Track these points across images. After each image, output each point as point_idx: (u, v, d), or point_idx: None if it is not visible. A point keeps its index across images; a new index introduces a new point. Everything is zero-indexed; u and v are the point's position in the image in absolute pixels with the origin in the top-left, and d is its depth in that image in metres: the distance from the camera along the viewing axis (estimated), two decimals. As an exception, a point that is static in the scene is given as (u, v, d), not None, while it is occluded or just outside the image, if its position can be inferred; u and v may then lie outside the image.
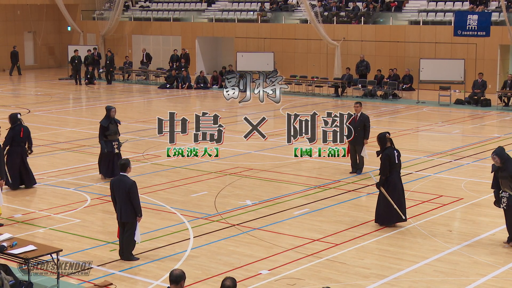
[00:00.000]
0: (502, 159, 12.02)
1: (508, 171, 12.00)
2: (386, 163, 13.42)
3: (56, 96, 33.30)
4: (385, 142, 13.55)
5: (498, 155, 12.06)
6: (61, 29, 47.12)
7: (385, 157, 13.43)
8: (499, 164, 12.05)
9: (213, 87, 35.88)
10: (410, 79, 33.16)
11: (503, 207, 12.27)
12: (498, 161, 12.05)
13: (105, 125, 16.89)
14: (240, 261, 11.71)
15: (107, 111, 17.06)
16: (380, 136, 13.68)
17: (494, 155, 12.13)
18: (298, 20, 38.96)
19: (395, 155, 13.50)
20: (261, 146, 21.10)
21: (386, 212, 13.40)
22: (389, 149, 13.49)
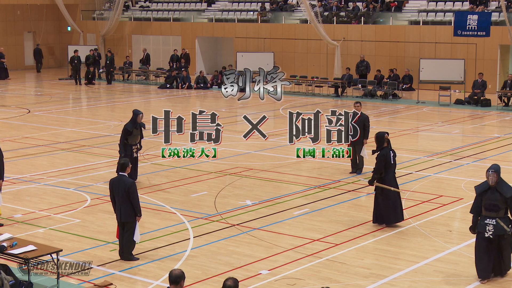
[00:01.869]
0: (499, 178, 10.68)
1: (505, 193, 10.57)
2: (381, 163, 13.36)
3: (56, 96, 33.30)
4: (382, 142, 13.48)
5: (497, 172, 10.65)
6: (61, 29, 47.11)
7: (381, 157, 13.37)
8: (494, 183, 10.61)
9: (213, 87, 35.87)
10: (410, 79, 33.16)
11: (488, 235, 10.64)
12: (495, 179, 10.61)
13: (130, 130, 16.26)
14: (240, 261, 11.71)
15: (134, 116, 16.39)
16: (379, 135, 13.59)
17: (492, 172, 10.64)
18: (298, 20, 38.96)
19: (391, 155, 13.43)
20: (261, 146, 21.09)
21: (385, 211, 13.42)
22: (386, 149, 13.42)
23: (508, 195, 10.51)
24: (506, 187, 10.62)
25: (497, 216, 10.58)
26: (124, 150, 16.34)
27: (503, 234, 10.57)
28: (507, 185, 10.65)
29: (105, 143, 21.59)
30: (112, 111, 29.11)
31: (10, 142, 21.58)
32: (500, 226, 10.51)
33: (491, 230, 10.60)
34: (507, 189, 10.60)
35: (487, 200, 10.64)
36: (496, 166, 10.69)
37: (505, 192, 10.55)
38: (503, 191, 10.57)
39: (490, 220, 10.62)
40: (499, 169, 10.65)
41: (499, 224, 10.52)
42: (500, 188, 10.59)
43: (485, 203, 10.66)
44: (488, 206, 10.65)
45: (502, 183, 10.64)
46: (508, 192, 10.55)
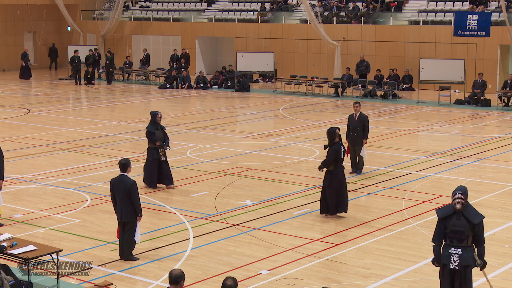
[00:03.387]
0: (465, 201, 9.37)
1: (471, 219, 9.29)
2: (331, 157, 13.90)
3: (56, 96, 33.30)
4: (334, 137, 14.05)
5: (464, 194, 9.31)
6: (61, 29, 47.12)
7: (332, 151, 13.89)
8: (460, 207, 9.31)
9: (213, 87, 35.88)
10: (410, 79, 33.17)
11: (454, 267, 9.41)
12: (462, 202, 9.28)
13: (152, 131, 15.98)
14: (240, 261, 11.71)
15: (153, 117, 16.12)
16: (330, 130, 14.15)
17: (459, 194, 9.29)
18: (298, 20, 38.96)
19: (342, 150, 13.99)
20: (261, 146, 21.10)
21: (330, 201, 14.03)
22: (337, 144, 13.98)
23: (476, 221, 9.26)
24: (474, 212, 9.37)
25: (463, 245, 9.31)
26: (151, 154, 16.05)
27: (470, 264, 9.39)
28: (475, 211, 9.43)
29: (105, 143, 21.59)
30: (112, 111, 29.11)
31: (10, 142, 21.58)
32: (467, 256, 9.27)
33: (457, 261, 9.35)
34: (475, 215, 9.33)
35: (452, 227, 9.32)
36: (464, 188, 9.38)
37: (473, 218, 9.28)
38: (470, 216, 9.29)
39: (455, 249, 9.33)
40: (467, 191, 9.38)
41: (466, 254, 9.27)
42: (467, 213, 9.30)
43: (450, 230, 9.34)
44: (453, 233, 9.33)
45: (469, 208, 9.38)
46: (477, 218, 9.29)
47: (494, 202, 15.23)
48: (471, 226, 9.27)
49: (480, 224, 9.31)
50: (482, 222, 9.36)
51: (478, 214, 9.37)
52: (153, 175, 16.15)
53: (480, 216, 9.35)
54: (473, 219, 9.29)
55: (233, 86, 35.13)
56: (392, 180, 17.09)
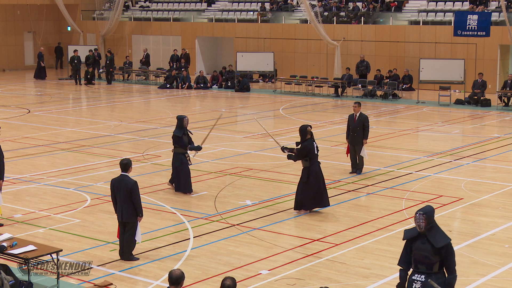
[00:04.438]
0: (429, 223, 8.43)
1: (435, 243, 8.36)
2: (303, 153, 14.24)
3: (56, 96, 33.31)
4: (305, 134, 14.28)
5: (426, 215, 8.40)
6: (61, 29, 47.12)
7: (304, 148, 14.22)
8: (423, 230, 8.43)
9: (213, 87, 35.91)
10: (410, 79, 33.17)
11: None
12: (423, 224, 8.40)
13: (180, 135, 15.64)
14: (240, 261, 11.71)
15: (180, 121, 15.76)
16: (302, 128, 14.37)
17: (420, 214, 8.41)
18: (298, 20, 38.97)
19: (315, 146, 14.26)
20: (261, 146, 21.10)
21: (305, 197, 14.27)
22: (309, 141, 14.24)
23: (440, 245, 8.33)
24: (440, 235, 8.43)
25: (428, 271, 8.42)
26: (177, 159, 15.73)
27: None
28: (441, 233, 8.48)
29: (105, 143, 21.60)
30: (112, 111, 29.11)
31: (10, 142, 21.58)
32: (430, 286, 8.30)
33: None
34: (440, 238, 8.40)
35: (417, 250, 8.49)
36: (427, 208, 8.48)
37: (437, 242, 8.36)
38: (434, 240, 8.36)
39: (418, 276, 8.46)
40: (432, 212, 8.46)
41: (429, 284, 8.32)
42: (431, 236, 8.39)
43: (414, 254, 8.53)
44: (417, 257, 8.49)
45: (435, 230, 8.44)
46: (441, 241, 8.36)
47: (494, 202, 15.23)
48: (435, 251, 8.34)
49: (445, 249, 8.35)
50: (448, 246, 8.36)
51: (444, 237, 8.41)
52: (188, 180, 15.77)
53: (446, 239, 8.39)
54: (436, 243, 8.34)
55: (233, 86, 35.13)
56: (392, 180, 17.09)
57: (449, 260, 8.38)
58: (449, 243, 8.39)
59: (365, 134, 17.53)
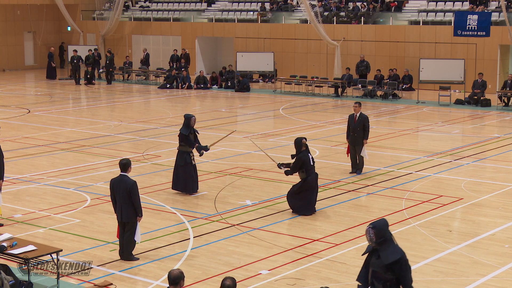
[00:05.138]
0: (380, 237, 7.95)
1: (384, 258, 7.91)
2: (298, 165, 14.33)
3: (56, 96, 33.31)
4: (301, 146, 14.40)
5: (376, 228, 7.92)
6: (61, 29, 47.13)
7: (299, 160, 14.29)
8: (373, 244, 7.99)
9: (213, 87, 35.92)
10: (409, 79, 33.17)
11: None
12: (373, 238, 7.93)
13: (186, 134, 15.63)
14: (240, 261, 11.71)
15: (187, 120, 15.77)
16: (297, 140, 14.51)
17: (369, 228, 7.96)
18: (298, 20, 38.96)
19: (310, 157, 14.35)
20: (261, 146, 21.07)
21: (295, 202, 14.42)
22: (304, 153, 14.33)
23: (389, 261, 7.86)
24: (391, 250, 7.94)
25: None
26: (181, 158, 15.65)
27: None
28: (393, 248, 7.98)
29: (105, 143, 21.60)
30: (112, 111, 29.11)
31: (10, 142, 21.58)
32: None
33: None
34: (391, 253, 7.91)
35: (371, 266, 8.09)
36: (379, 222, 8.04)
37: (386, 257, 7.89)
38: (384, 255, 7.90)
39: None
40: (383, 226, 8.00)
41: None
42: (382, 251, 7.93)
43: (370, 270, 8.13)
44: (372, 274, 8.09)
45: (387, 245, 7.94)
46: (391, 257, 7.88)
47: (494, 202, 15.22)
48: (386, 267, 7.87)
49: (396, 265, 7.87)
50: (400, 261, 7.89)
51: (395, 252, 7.91)
52: (190, 180, 15.70)
53: (396, 254, 7.89)
54: (386, 258, 7.87)
55: (233, 86, 35.13)
56: (392, 180, 17.09)
57: (403, 276, 7.90)
58: (401, 259, 7.88)
59: (365, 134, 17.52)
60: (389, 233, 8.00)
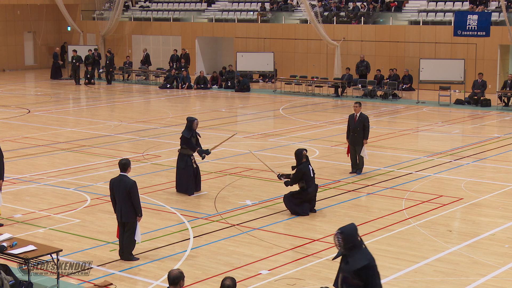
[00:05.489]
0: (348, 243, 7.78)
1: (352, 264, 7.76)
2: (298, 176, 14.33)
3: (56, 96, 33.31)
4: (301, 158, 14.41)
5: (344, 234, 7.79)
6: (61, 29, 47.13)
7: (299, 172, 14.30)
8: (342, 250, 7.83)
9: (213, 87, 35.92)
10: (409, 79, 33.17)
11: None
12: (341, 243, 7.79)
13: (188, 137, 15.58)
14: (240, 261, 11.71)
15: (189, 123, 15.69)
16: (297, 152, 14.52)
17: (337, 233, 7.81)
18: (298, 20, 38.96)
19: (310, 169, 14.35)
20: (261, 146, 21.10)
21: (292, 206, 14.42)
22: (304, 164, 14.33)
23: (355, 267, 7.73)
24: (359, 256, 7.80)
25: None
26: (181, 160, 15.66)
27: None
28: (361, 254, 7.84)
29: (105, 143, 21.60)
30: (112, 111, 29.12)
31: (10, 142, 21.59)
32: None
33: None
34: (358, 259, 7.76)
35: (341, 272, 7.97)
36: (348, 227, 7.89)
37: (353, 263, 7.74)
38: (352, 261, 7.75)
39: None
40: (352, 231, 7.84)
41: None
42: (350, 257, 7.78)
43: (341, 274, 8.01)
44: (342, 279, 7.95)
45: (356, 251, 7.80)
46: (357, 263, 7.74)
47: (494, 202, 15.23)
48: (354, 273, 7.73)
49: (364, 271, 7.73)
50: (367, 268, 7.75)
51: (363, 258, 7.79)
52: (190, 182, 15.69)
53: (363, 260, 7.76)
54: (353, 264, 7.73)
55: (233, 86, 35.13)
56: (392, 180, 17.09)
57: (370, 283, 7.75)
58: (367, 265, 7.74)
59: (366, 134, 17.52)
60: (359, 239, 7.87)
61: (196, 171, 15.91)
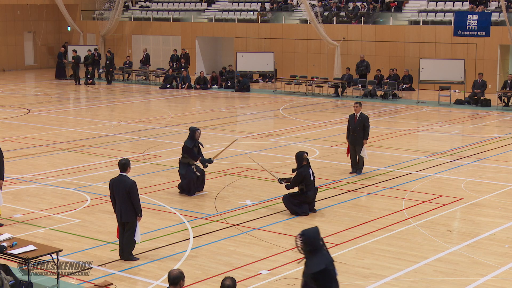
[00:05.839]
0: (308, 246, 7.76)
1: (309, 268, 7.72)
2: (298, 179, 14.29)
3: (56, 96, 33.30)
4: (302, 161, 14.37)
5: (304, 236, 7.78)
6: (61, 29, 47.13)
7: (299, 175, 14.26)
8: (302, 252, 7.80)
9: (213, 87, 35.92)
10: (410, 79, 33.17)
11: None
12: (301, 246, 7.78)
13: (190, 147, 15.58)
14: (240, 261, 11.71)
15: (192, 133, 15.68)
16: (298, 155, 14.47)
17: (298, 236, 7.83)
18: (298, 20, 38.96)
19: (310, 172, 14.30)
20: (261, 146, 21.10)
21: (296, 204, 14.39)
22: (305, 167, 14.30)
23: (312, 271, 7.69)
24: (317, 260, 7.73)
25: None
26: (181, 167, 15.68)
27: None
28: (319, 259, 7.75)
29: (105, 143, 21.60)
30: (112, 111, 29.11)
31: (10, 142, 21.59)
32: None
33: None
34: (316, 264, 7.70)
35: (302, 275, 7.91)
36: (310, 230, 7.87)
37: (309, 267, 7.71)
38: (310, 265, 7.71)
39: None
40: (313, 234, 7.83)
41: None
42: (308, 261, 7.75)
43: (302, 278, 7.94)
44: (303, 283, 7.89)
45: (315, 254, 7.73)
46: (315, 267, 7.68)
47: (494, 202, 15.22)
48: (311, 277, 7.69)
49: (319, 275, 7.69)
50: (323, 273, 7.69)
51: (320, 263, 7.70)
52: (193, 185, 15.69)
53: (320, 265, 7.68)
54: (308, 269, 7.70)
55: (233, 86, 35.13)
56: (392, 180, 17.09)
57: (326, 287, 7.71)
58: (324, 270, 7.67)
59: (366, 134, 17.52)
60: (320, 243, 7.80)
61: (202, 177, 15.95)
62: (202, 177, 16.02)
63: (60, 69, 40.32)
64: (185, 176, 15.69)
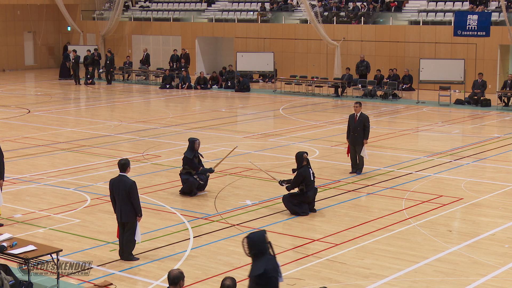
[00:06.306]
0: (252, 249, 7.96)
1: (252, 270, 7.93)
2: (299, 180, 14.27)
3: (56, 96, 33.30)
4: (302, 161, 14.36)
5: (249, 239, 7.97)
6: (61, 29, 47.13)
7: (300, 175, 14.24)
8: (248, 255, 8.00)
9: (213, 87, 35.92)
10: (410, 79, 33.17)
11: None
12: (246, 248, 7.96)
13: (190, 157, 15.59)
14: (240, 261, 11.71)
15: (191, 143, 15.72)
16: (298, 155, 14.46)
17: (245, 239, 8.02)
18: (298, 20, 38.96)
19: (310, 173, 14.30)
20: (261, 146, 21.10)
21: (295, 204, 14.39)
22: (305, 168, 14.30)
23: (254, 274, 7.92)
24: (259, 264, 7.94)
25: None
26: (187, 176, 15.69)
27: None
28: (262, 262, 7.93)
29: (105, 143, 21.60)
30: (112, 111, 29.12)
31: (10, 142, 21.59)
32: None
33: None
34: (257, 267, 7.92)
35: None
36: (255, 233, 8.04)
37: (253, 269, 7.93)
38: (253, 267, 7.96)
39: None
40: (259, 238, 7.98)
41: None
42: (253, 263, 7.99)
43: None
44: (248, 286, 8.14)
45: (259, 258, 7.95)
46: (254, 271, 7.91)
47: (494, 202, 15.23)
48: (253, 280, 7.93)
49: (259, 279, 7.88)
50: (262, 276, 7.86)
51: (261, 267, 7.89)
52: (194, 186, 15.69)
53: (259, 269, 7.86)
54: (252, 271, 7.94)
55: (233, 86, 35.13)
56: (392, 180, 17.09)
57: None
58: (262, 274, 7.84)
59: (366, 134, 17.52)
60: (265, 247, 7.93)
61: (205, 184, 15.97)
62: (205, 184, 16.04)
63: (64, 69, 40.29)
64: (187, 181, 15.70)
